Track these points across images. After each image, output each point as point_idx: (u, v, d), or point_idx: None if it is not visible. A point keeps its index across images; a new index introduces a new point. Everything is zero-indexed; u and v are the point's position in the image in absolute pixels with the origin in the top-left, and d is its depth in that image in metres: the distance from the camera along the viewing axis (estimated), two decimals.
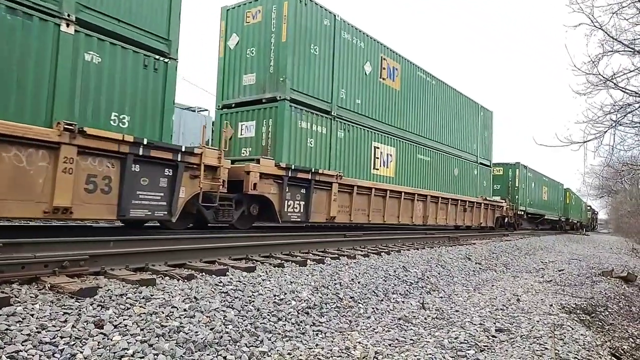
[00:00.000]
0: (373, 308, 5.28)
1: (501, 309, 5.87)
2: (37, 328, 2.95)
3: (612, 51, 7.96)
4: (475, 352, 4.06)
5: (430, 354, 3.87)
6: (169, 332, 3.26)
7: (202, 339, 3.29)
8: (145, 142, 6.29)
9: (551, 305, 6.36)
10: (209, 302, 3.96)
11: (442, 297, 6.45)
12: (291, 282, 5.17)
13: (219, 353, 3.25)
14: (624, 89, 7.99)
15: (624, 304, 8.17)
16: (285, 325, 4.08)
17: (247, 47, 10.20)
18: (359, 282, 5.90)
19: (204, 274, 5.05)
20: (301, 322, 4.27)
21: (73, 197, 5.59)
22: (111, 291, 3.83)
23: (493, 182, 21.92)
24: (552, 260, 13.11)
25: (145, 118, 6.71)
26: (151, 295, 3.85)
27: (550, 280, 9.03)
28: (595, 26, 7.57)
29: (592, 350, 4.58)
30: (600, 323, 6.55)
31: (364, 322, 4.79)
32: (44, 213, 5.40)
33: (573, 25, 7.74)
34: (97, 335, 3.02)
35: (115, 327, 3.19)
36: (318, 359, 3.55)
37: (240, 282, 4.80)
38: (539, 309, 6.07)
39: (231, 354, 3.29)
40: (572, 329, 5.22)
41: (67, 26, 5.80)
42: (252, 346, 3.53)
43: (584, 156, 23.20)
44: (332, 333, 4.28)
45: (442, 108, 16.17)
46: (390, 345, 4.10)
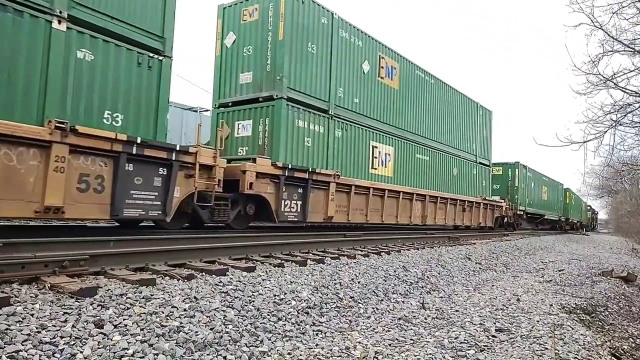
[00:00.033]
0: (373, 308, 5.28)
1: (501, 309, 5.87)
2: (37, 328, 2.95)
3: (612, 51, 7.97)
4: (475, 352, 4.06)
5: (430, 354, 3.88)
6: (169, 332, 3.26)
7: (202, 338, 3.29)
8: (139, 141, 6.20)
9: (551, 305, 6.36)
10: (209, 302, 3.96)
11: (442, 297, 6.45)
12: (291, 282, 5.16)
13: (219, 353, 3.25)
14: (624, 89, 8.01)
15: (624, 304, 8.18)
16: (285, 325, 4.08)
17: (243, 45, 10.16)
18: (359, 282, 5.90)
19: (204, 273, 5.04)
20: (301, 322, 4.27)
21: (65, 197, 5.51)
22: (111, 291, 3.82)
23: (492, 182, 21.88)
24: (552, 260, 13.12)
25: (139, 116, 6.63)
26: (151, 295, 3.85)
27: (550, 280, 9.03)
28: (595, 26, 7.59)
29: (592, 350, 4.58)
30: (600, 323, 6.55)
31: (364, 322, 4.78)
32: (35, 213, 5.32)
33: (573, 25, 7.76)
34: (97, 335, 3.02)
35: (115, 327, 3.19)
36: (318, 359, 3.55)
37: (240, 282, 4.80)
38: (539, 309, 6.08)
39: (231, 354, 3.29)
40: (572, 329, 5.22)
41: (59, 23, 5.71)
42: (252, 346, 3.53)
43: (584, 156, 23.23)
44: (332, 333, 4.28)
45: (441, 107, 16.13)
46: (390, 345, 4.10)
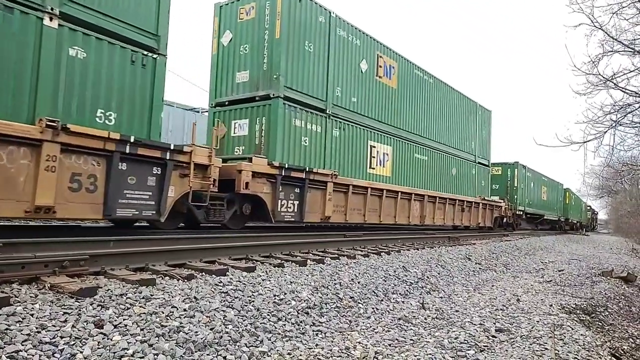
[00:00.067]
0: (373, 308, 5.28)
1: (501, 309, 5.88)
2: (37, 328, 2.95)
3: (612, 51, 7.97)
4: (475, 352, 4.06)
5: (430, 354, 3.88)
6: (169, 332, 3.26)
7: (202, 339, 3.29)
8: (132, 140, 6.11)
9: (551, 306, 6.36)
10: (209, 302, 3.96)
11: (442, 297, 6.45)
12: (291, 282, 5.16)
13: (218, 353, 3.25)
14: (624, 89, 8.02)
15: (624, 304, 8.18)
16: (285, 325, 4.08)
17: (240, 44, 10.09)
18: (359, 282, 5.89)
19: (203, 273, 5.04)
20: (301, 322, 4.27)
21: (56, 196, 5.43)
22: (111, 291, 3.82)
23: (492, 182, 21.88)
24: (552, 260, 13.12)
25: (132, 115, 6.55)
26: (151, 295, 3.85)
27: (550, 281, 9.03)
28: (595, 26, 7.59)
29: (592, 351, 4.59)
30: (600, 323, 6.55)
31: (364, 322, 4.78)
32: (25, 213, 5.23)
33: (573, 25, 7.78)
34: (97, 335, 3.01)
35: (115, 327, 3.19)
36: (318, 359, 3.55)
37: (240, 282, 4.80)
38: (538, 309, 6.08)
39: (231, 354, 3.29)
40: (572, 329, 5.22)
41: (51, 20, 5.62)
42: (252, 346, 3.53)
43: (584, 156, 23.21)
44: (332, 333, 4.28)
45: (440, 107, 16.09)
46: (390, 345, 4.10)
